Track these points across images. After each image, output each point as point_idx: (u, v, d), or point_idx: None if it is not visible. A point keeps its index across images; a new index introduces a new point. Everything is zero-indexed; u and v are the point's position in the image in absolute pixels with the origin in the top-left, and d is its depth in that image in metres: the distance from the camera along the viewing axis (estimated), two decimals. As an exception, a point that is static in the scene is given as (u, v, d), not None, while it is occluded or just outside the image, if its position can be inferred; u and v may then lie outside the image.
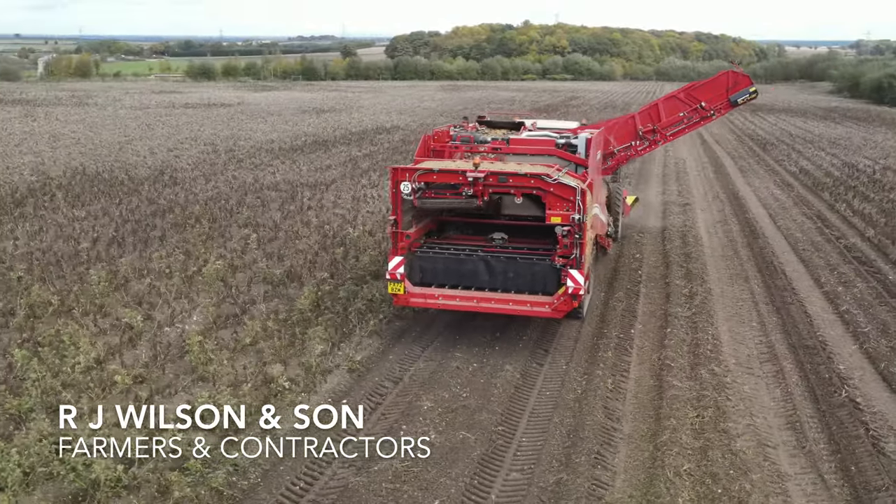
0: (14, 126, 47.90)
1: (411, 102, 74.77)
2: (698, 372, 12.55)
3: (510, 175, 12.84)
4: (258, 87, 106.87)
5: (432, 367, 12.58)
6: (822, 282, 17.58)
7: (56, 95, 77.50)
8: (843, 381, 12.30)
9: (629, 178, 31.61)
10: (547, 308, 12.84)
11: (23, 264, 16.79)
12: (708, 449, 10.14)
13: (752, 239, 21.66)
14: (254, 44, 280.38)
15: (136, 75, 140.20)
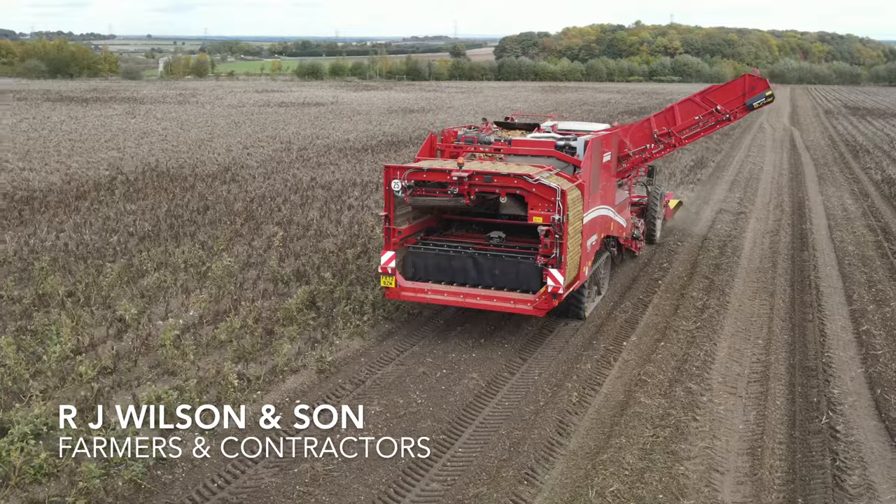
0: (112, 122, 50.41)
1: (502, 104, 74.51)
2: (674, 389, 12.04)
3: (494, 175, 13.10)
4: (360, 86, 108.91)
5: (400, 371, 12.51)
6: (853, 299, 16.57)
7: (164, 94, 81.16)
8: (830, 407, 11.56)
9: (694, 183, 30.65)
10: (529, 306, 13.15)
11: (52, 255, 17.62)
12: (647, 471, 9.71)
13: (799, 251, 20.60)
14: (368, 44, 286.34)
15: (248, 75, 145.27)
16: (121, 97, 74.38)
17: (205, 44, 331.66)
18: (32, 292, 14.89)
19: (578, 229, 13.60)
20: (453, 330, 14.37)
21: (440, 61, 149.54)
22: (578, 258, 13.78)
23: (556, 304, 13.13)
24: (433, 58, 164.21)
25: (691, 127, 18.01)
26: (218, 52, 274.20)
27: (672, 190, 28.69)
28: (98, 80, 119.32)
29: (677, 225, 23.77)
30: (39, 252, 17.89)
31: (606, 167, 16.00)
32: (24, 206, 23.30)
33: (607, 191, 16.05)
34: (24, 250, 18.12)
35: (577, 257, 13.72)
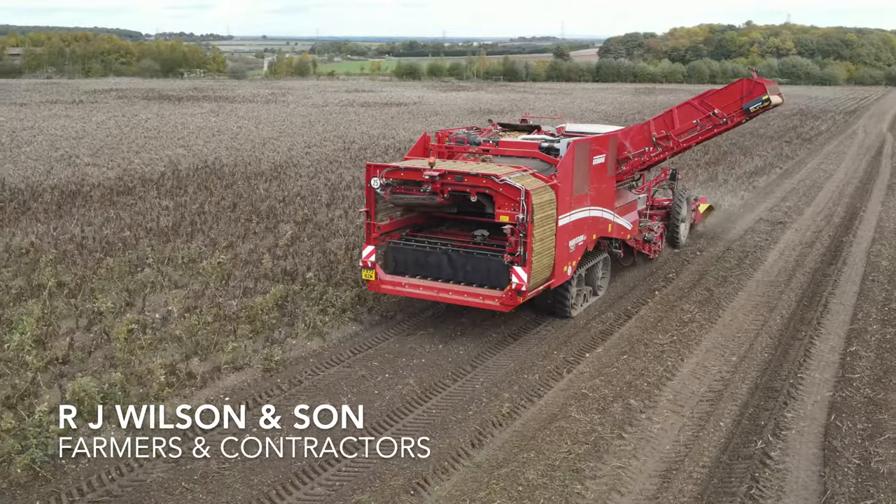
0: (194, 120, 52.31)
1: (586, 105, 73.55)
2: (613, 405, 11.66)
3: (464, 175, 13.44)
4: (452, 87, 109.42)
5: (343, 374, 12.56)
6: (858, 317, 15.66)
7: (258, 93, 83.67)
8: (775, 431, 10.97)
9: (748, 189, 29.52)
10: (496, 301, 13.51)
11: (66, 247, 18.48)
12: (542, 488, 9.44)
13: (826, 265, 19.57)
14: (474, 44, 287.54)
15: (348, 74, 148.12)
16: (214, 96, 77.11)
17: (315, 44, 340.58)
18: (25, 282, 15.61)
19: (551, 229, 13.71)
20: (416, 333, 14.32)
21: (538, 62, 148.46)
22: (551, 257, 13.83)
23: (522, 301, 13.37)
24: (538, 58, 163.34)
25: (689, 131, 17.52)
26: (327, 52, 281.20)
27: (721, 196, 27.79)
28: (204, 80, 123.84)
29: (709, 231, 23.04)
30: (55, 244, 18.73)
31: (599, 169, 15.80)
32: (69, 199, 24.46)
33: (602, 193, 15.92)
34: (42, 241, 19.02)
35: (550, 256, 13.77)
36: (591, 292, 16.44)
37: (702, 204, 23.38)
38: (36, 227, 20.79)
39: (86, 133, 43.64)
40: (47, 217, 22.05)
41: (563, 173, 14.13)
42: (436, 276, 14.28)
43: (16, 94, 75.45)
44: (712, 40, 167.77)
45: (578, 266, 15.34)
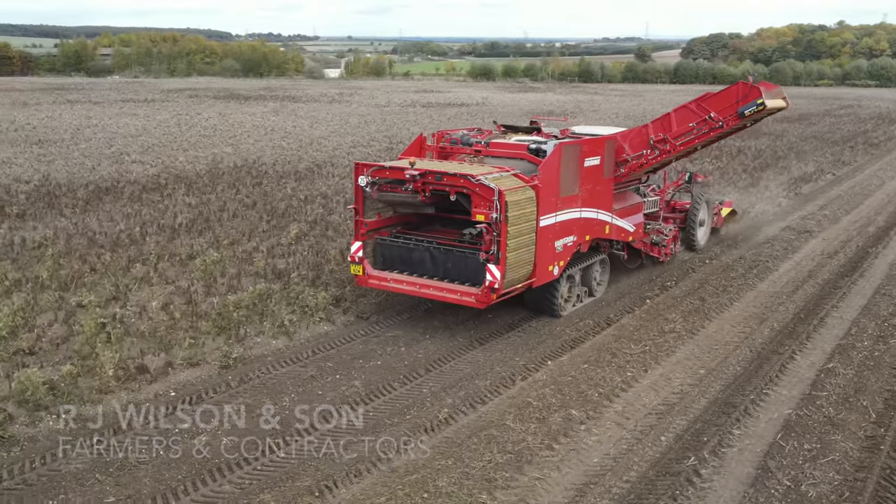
0: (251, 119, 53.48)
1: (653, 108, 72.18)
2: (553, 415, 11.45)
3: (443, 174, 13.78)
4: (523, 88, 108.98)
5: (294, 373, 12.68)
6: (852, 333, 15.00)
7: (325, 93, 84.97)
8: (715, 449, 10.60)
9: (790, 196, 28.61)
10: (473, 298, 13.78)
11: (78, 241, 19.16)
12: (449, 496, 9.34)
13: (840, 277, 18.79)
14: (556, 45, 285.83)
15: (423, 75, 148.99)
16: (282, 96, 78.64)
17: (398, 44, 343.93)
18: (21, 275, 16.25)
19: (530, 228, 13.85)
20: (383, 336, 14.37)
21: (613, 63, 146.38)
22: (530, 256, 14.01)
23: (496, 298, 13.59)
24: (615, 59, 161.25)
25: (686, 134, 17.11)
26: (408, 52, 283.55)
27: (755, 202, 27.01)
28: (281, 80, 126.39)
29: (730, 237, 22.55)
30: (67, 238, 19.44)
31: (593, 171, 15.80)
32: (100, 195, 25.34)
33: (597, 194, 15.96)
34: (57, 236, 19.77)
35: (528, 255, 13.95)
36: (586, 293, 16.52)
37: (724, 208, 22.79)
38: (58, 221, 21.58)
39: (144, 131, 45.11)
40: (73, 212, 22.87)
41: (546, 174, 14.22)
42: (420, 273, 14.62)
43: (96, 92, 78.52)
44: (801, 41, 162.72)
45: (569, 266, 15.42)
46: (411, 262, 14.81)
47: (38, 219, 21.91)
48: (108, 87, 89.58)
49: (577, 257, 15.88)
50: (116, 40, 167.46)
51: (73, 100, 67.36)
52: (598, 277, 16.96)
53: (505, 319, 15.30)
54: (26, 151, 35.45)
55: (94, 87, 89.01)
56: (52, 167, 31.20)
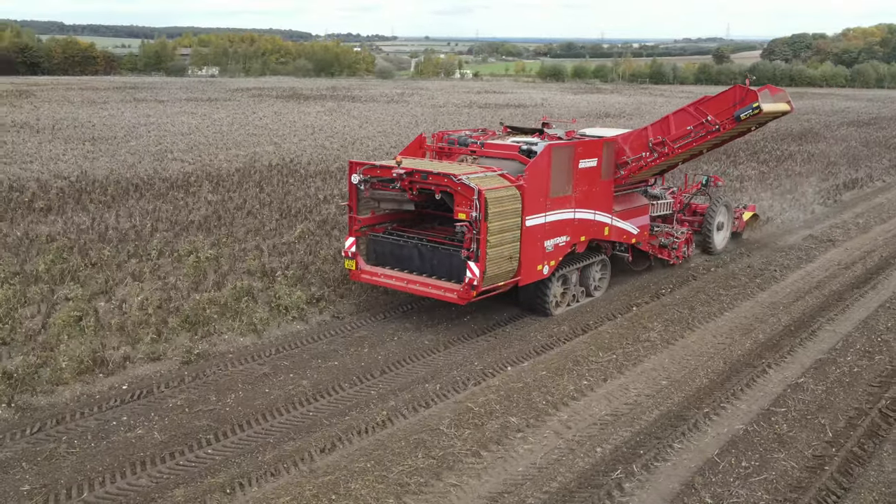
0: (305, 119, 54.31)
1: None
2: (491, 422, 11.32)
3: (428, 173, 14.11)
4: (590, 89, 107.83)
5: (248, 371, 12.84)
6: (838, 348, 14.42)
7: (387, 93, 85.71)
8: (648, 463, 10.32)
9: (827, 204, 27.68)
10: (455, 294, 14.07)
11: (88, 236, 19.81)
12: (353, 499, 9.32)
13: (849, 289, 18.10)
14: (634, 46, 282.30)
15: (493, 76, 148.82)
16: (343, 95, 79.68)
17: (474, 45, 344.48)
18: (20, 268, 16.87)
19: (514, 227, 14.05)
20: (351, 336, 14.46)
21: (686, 65, 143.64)
22: (514, 255, 14.21)
23: (476, 295, 13.85)
24: (690, 61, 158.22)
25: (683, 137, 16.93)
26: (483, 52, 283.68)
27: (786, 207, 26.25)
28: (352, 80, 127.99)
29: (748, 243, 22.24)
30: (78, 233, 20.10)
31: (589, 173, 15.91)
32: (129, 192, 26.11)
33: (593, 195, 16.11)
34: (70, 230, 20.47)
35: (511, 254, 14.13)
36: (583, 293, 16.62)
37: (747, 212, 22.33)
38: (77, 216, 22.32)
39: (196, 129, 46.28)
40: (97, 208, 23.61)
41: (533, 175, 14.38)
42: (409, 269, 14.99)
43: (165, 91, 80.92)
44: (890, 41, 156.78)
45: (562, 266, 15.57)
46: (401, 259, 15.18)
47: (60, 213, 22.68)
48: (179, 86, 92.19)
49: (573, 258, 16.00)
50: (196, 41, 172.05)
51: (140, 98, 69.56)
52: (597, 278, 17.05)
53: (480, 323, 15.22)
54: (77, 148, 36.75)
55: (167, 86, 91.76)
56: (96, 164, 32.27)
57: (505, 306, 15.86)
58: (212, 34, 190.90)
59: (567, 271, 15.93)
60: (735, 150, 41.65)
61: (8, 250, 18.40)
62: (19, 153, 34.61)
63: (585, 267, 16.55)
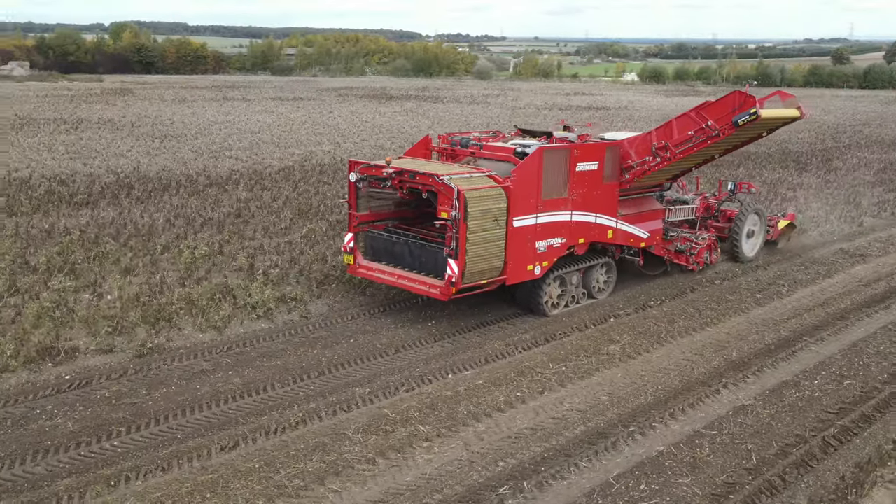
0: (378, 119, 54.94)
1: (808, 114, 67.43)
2: (400, 429, 11.21)
3: (416, 173, 14.57)
4: (685, 91, 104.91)
5: (191, 367, 13.07)
6: (810, 369, 13.66)
7: (474, 94, 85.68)
8: (542, 482, 10.03)
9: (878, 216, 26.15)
10: (437, 291, 14.46)
11: (105, 231, 20.69)
12: (224, 498, 9.42)
13: (858, 308, 17.09)
14: (749, 47, 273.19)
15: (591, 77, 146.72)
16: (427, 96, 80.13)
17: (581, 46, 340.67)
18: (22, 260, 17.74)
19: (499, 227, 14.32)
20: (310, 336, 14.55)
21: (795, 66, 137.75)
22: (499, 254, 14.46)
23: (456, 292, 14.22)
24: (800, 62, 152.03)
25: (685, 141, 16.70)
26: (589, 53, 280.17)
27: (833, 218, 25.02)
28: (449, 80, 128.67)
29: (787, 251, 21.69)
30: (99, 227, 20.99)
31: (587, 176, 16.01)
32: (167, 188, 27.08)
33: (594, 199, 16.22)
34: (92, 224, 21.39)
35: (495, 253, 14.39)
36: (584, 295, 16.77)
37: (783, 220, 21.60)
38: (105, 211, 23.29)
39: (266, 128, 47.52)
40: (130, 203, 24.58)
41: (520, 176, 14.63)
42: (401, 265, 15.49)
43: (258, 90, 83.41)
44: None
45: (557, 267, 15.86)
46: (394, 255, 15.69)
47: (92, 208, 23.71)
48: (275, 85, 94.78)
49: (571, 259, 16.14)
50: (302, 41, 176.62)
51: (229, 97, 71.91)
52: (601, 281, 17.12)
53: (447, 327, 15.15)
54: (144, 145, 38.34)
55: (263, 85, 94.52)
56: (154, 160, 33.58)
57: (498, 307, 16.09)
58: (318, 34, 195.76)
59: (565, 273, 16.10)
60: (806, 156, 39.90)
61: (21, 241, 19.30)
62: (89, 148, 36.36)
63: (587, 269, 16.71)
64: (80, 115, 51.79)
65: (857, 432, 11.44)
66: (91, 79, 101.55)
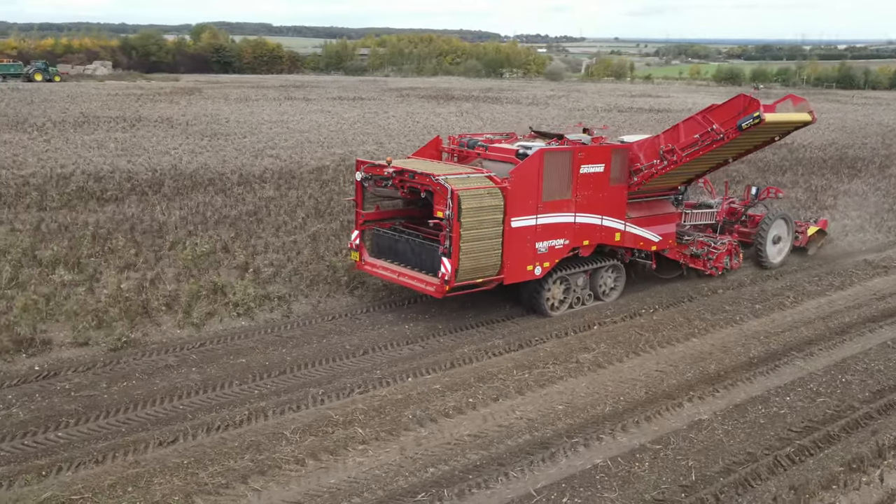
0: (430, 119, 55.12)
1: (882, 118, 64.97)
2: (339, 431, 11.22)
3: (415, 173, 14.89)
4: (758, 93, 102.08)
5: (154, 362, 13.30)
6: (784, 386, 13.16)
7: (536, 94, 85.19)
8: (465, 490, 9.92)
9: None
10: (433, 288, 14.70)
11: (122, 226, 21.33)
12: (144, 492, 9.59)
13: (864, 323, 16.37)
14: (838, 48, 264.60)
15: (665, 79, 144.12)
16: (488, 97, 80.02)
17: (661, 47, 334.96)
18: (31, 253, 18.41)
19: (494, 227, 14.51)
20: (283, 336, 14.68)
21: (881, 69, 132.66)
22: (495, 254, 14.67)
23: (449, 290, 14.46)
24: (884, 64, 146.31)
25: (691, 145, 16.44)
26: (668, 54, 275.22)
27: (869, 227, 24.08)
28: (517, 81, 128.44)
29: (818, 258, 21.21)
30: (116, 223, 21.63)
31: (592, 178, 16.05)
32: (198, 186, 27.72)
33: (599, 201, 16.24)
34: (109, 220, 22.06)
35: (492, 252, 14.60)
36: (590, 297, 16.84)
37: (813, 227, 21.13)
38: (128, 208, 23.97)
39: (316, 128, 48.19)
40: (156, 199, 25.25)
41: (518, 178, 14.80)
42: (404, 262, 15.79)
43: (322, 90, 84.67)
44: None
45: (561, 269, 15.99)
46: (397, 253, 16.00)
47: (118, 204, 24.45)
48: (341, 85, 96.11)
49: (577, 261, 16.27)
50: (376, 41, 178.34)
51: (292, 96, 73.22)
52: (609, 283, 17.17)
53: (419, 331, 15.09)
54: (191, 143, 39.33)
55: (330, 84, 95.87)
56: (197, 158, 34.44)
57: (482, 310, 16.18)
58: (393, 35, 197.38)
59: (569, 274, 16.22)
60: (863, 162, 38.45)
61: (40, 235, 20.02)
62: (138, 146, 37.51)
63: (594, 271, 16.78)
64: (143, 113, 53.45)
65: (813, 452, 10.95)
66: (167, 78, 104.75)
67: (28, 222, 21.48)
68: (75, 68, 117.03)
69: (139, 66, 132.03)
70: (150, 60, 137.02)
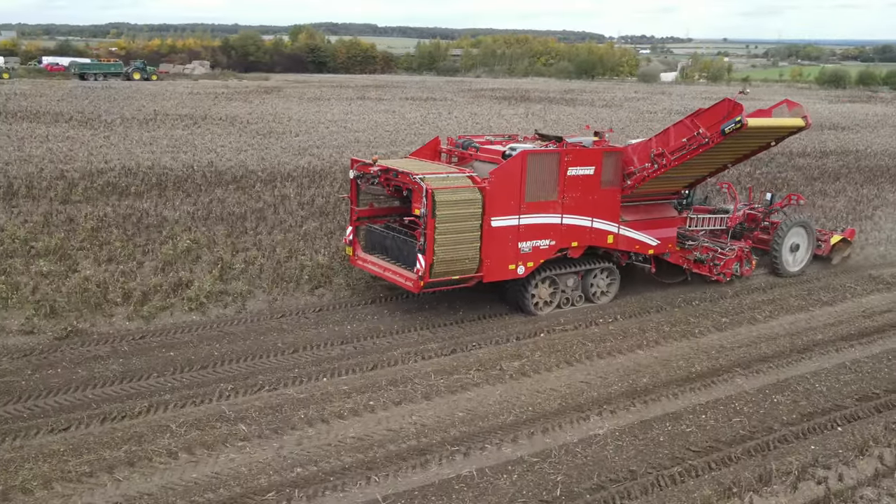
0: (491, 120, 54.89)
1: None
2: (227, 426, 11.39)
3: (398, 172, 15.36)
4: (858, 98, 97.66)
5: (93, 352, 13.78)
6: (705, 404, 12.60)
7: (619, 96, 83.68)
8: (337, 486, 9.94)
9: None
10: (411, 283, 15.12)
11: (128, 220, 22.16)
12: (9, 476, 9.97)
13: (837, 341, 15.58)
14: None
15: (765, 81, 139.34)
16: (564, 98, 79.18)
17: (771, 48, 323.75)
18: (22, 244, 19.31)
19: (472, 225, 14.81)
20: (235, 332, 14.90)
21: None
22: (473, 252, 14.95)
23: (424, 285, 14.84)
24: None
25: (680, 149, 16.27)
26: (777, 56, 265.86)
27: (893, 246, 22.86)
28: (607, 82, 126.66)
29: (841, 269, 20.48)
30: (126, 217, 22.48)
31: (581, 180, 16.13)
32: (220, 182, 28.49)
33: (589, 203, 16.31)
34: (114, 215, 22.93)
35: (469, 250, 14.89)
36: (580, 298, 16.88)
37: (836, 235, 20.57)
38: (144, 202, 24.84)
39: (373, 127, 48.75)
40: (176, 195, 26.09)
41: (499, 178, 15.08)
42: (391, 258, 16.25)
43: (400, 90, 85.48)
44: None
45: (549, 268, 16.18)
46: (386, 248, 16.53)
47: (136, 197, 25.37)
48: (423, 85, 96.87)
49: (566, 262, 16.36)
50: (469, 42, 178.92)
51: (366, 96, 74.21)
52: (601, 285, 17.17)
53: (360, 331, 15.15)
54: (240, 141, 40.42)
55: (411, 84, 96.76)
56: (240, 156, 35.38)
57: (444, 314, 16.24)
58: (487, 35, 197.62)
59: (557, 274, 16.33)
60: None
61: (46, 227, 21.00)
62: (189, 143, 38.81)
63: (585, 273, 16.83)
64: (212, 111, 55.22)
65: (700, 474, 10.47)
66: (258, 77, 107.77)
67: (40, 214, 22.49)
68: (175, 67, 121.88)
69: (237, 65, 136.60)
70: (248, 60, 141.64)
